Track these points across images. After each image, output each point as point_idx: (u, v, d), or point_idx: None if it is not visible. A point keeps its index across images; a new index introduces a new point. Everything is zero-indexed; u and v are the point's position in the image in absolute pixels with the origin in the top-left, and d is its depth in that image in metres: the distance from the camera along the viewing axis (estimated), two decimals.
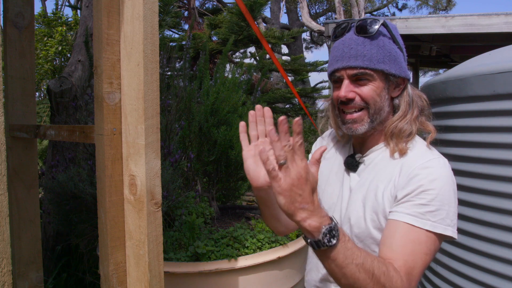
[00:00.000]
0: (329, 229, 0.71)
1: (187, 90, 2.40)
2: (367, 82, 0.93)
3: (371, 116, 0.94)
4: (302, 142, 0.68)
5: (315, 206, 0.71)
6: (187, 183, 2.38)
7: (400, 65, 0.94)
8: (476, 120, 1.39)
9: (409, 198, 0.86)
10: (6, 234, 0.63)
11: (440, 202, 0.84)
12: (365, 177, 0.98)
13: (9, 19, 1.25)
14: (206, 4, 9.33)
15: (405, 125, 0.93)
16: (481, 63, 1.41)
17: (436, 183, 0.85)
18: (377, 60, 0.91)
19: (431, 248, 0.85)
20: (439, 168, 0.88)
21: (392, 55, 0.93)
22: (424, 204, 0.84)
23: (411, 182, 0.86)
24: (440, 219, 0.84)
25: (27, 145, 1.28)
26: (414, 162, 0.89)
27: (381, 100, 0.94)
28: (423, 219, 0.84)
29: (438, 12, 17.51)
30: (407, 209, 0.85)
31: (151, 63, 0.86)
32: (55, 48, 5.29)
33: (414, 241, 0.83)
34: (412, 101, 0.96)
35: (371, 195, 0.93)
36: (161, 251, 0.91)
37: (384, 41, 0.93)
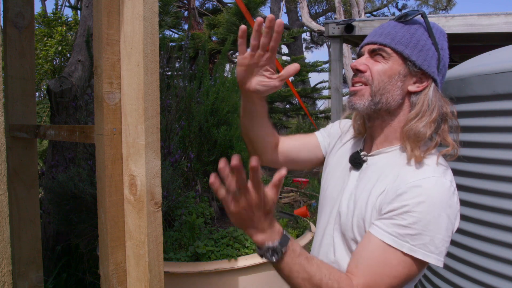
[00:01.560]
0: (272, 248, 0.74)
1: (187, 90, 2.40)
2: (381, 59, 0.89)
3: (373, 94, 0.88)
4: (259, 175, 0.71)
5: (264, 227, 0.74)
6: (187, 183, 2.38)
7: (425, 57, 0.87)
8: (476, 120, 1.39)
9: (391, 215, 0.80)
10: (6, 234, 0.63)
11: (423, 227, 0.77)
12: (364, 178, 0.92)
13: (9, 19, 1.25)
14: (206, 4, 9.32)
15: (421, 127, 0.85)
16: (481, 63, 1.41)
17: (424, 206, 0.77)
18: (399, 42, 0.87)
19: (402, 272, 0.78)
20: (432, 189, 0.79)
21: (420, 44, 0.87)
22: (405, 226, 0.78)
23: (397, 199, 0.80)
24: (421, 244, 0.77)
25: (27, 145, 1.28)
26: (408, 177, 0.82)
27: (389, 83, 0.87)
28: (401, 241, 0.78)
29: (438, 12, 17.51)
30: (387, 226, 0.79)
31: (151, 63, 0.86)
32: (55, 48, 5.29)
33: (384, 261, 0.78)
34: (432, 103, 0.87)
35: (363, 200, 0.89)
36: (161, 251, 0.91)
37: (418, 29, 0.88)
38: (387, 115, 0.91)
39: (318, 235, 1.03)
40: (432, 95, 0.87)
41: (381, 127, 0.93)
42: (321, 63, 6.10)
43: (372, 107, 0.89)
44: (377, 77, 0.88)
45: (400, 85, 0.88)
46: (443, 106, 0.88)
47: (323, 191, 1.06)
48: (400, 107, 0.90)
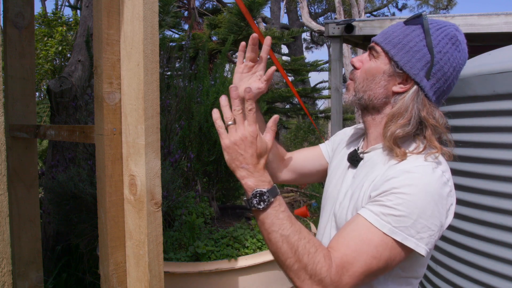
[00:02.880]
0: (260, 193, 0.77)
1: (187, 90, 2.40)
2: (373, 57, 0.91)
3: (356, 90, 0.93)
4: (253, 108, 0.79)
5: (256, 169, 0.79)
6: (187, 183, 2.38)
7: (410, 59, 0.86)
8: (476, 120, 1.39)
9: (378, 197, 0.80)
10: (6, 234, 0.63)
11: (408, 209, 0.76)
12: (360, 173, 0.95)
13: (9, 19, 1.25)
14: (206, 4, 9.33)
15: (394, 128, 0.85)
16: (481, 63, 1.41)
17: (411, 188, 0.77)
18: (390, 41, 0.88)
19: (383, 254, 0.77)
20: (421, 175, 0.79)
21: (409, 45, 0.86)
22: (390, 207, 0.77)
23: (386, 183, 0.81)
24: (402, 226, 0.76)
25: (27, 145, 1.28)
26: (399, 165, 0.83)
27: (373, 81, 0.89)
28: (383, 221, 0.77)
29: (438, 12, 17.51)
30: (372, 206, 0.80)
31: (151, 63, 0.86)
32: (55, 48, 5.29)
33: (365, 240, 0.77)
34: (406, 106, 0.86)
35: (357, 193, 0.90)
36: (161, 251, 0.91)
37: (415, 30, 0.87)
38: (375, 112, 0.94)
39: (319, 234, 1.05)
40: (409, 97, 0.86)
41: (372, 124, 0.96)
42: (321, 63, 6.09)
43: (356, 101, 0.93)
44: (362, 75, 0.92)
45: (384, 84, 0.89)
46: (422, 110, 0.86)
47: (325, 191, 1.08)
48: (385, 106, 0.92)
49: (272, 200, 0.78)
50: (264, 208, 0.78)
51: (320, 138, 8.83)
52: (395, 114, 0.87)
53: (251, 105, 0.79)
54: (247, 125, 0.79)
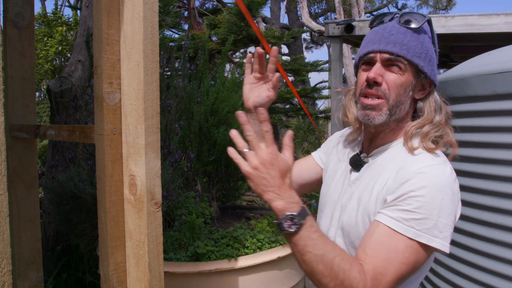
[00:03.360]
0: (291, 217, 0.75)
1: (187, 90, 2.40)
2: (398, 71, 0.89)
3: (390, 108, 0.89)
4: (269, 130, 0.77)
5: (282, 190, 0.77)
6: (187, 183, 2.38)
7: (433, 67, 0.91)
8: (476, 120, 1.39)
9: (396, 202, 0.81)
10: (6, 234, 0.63)
11: (428, 211, 0.78)
12: (365, 176, 0.95)
13: (9, 19, 1.25)
14: (206, 4, 9.33)
15: (432, 129, 0.89)
16: (481, 63, 1.41)
17: (427, 190, 0.79)
18: (415, 53, 0.88)
19: (411, 258, 0.79)
20: (434, 175, 0.81)
21: (429, 54, 0.90)
22: (410, 211, 0.79)
23: (402, 187, 0.82)
24: (426, 228, 0.78)
25: (27, 145, 1.28)
26: (410, 166, 0.84)
27: (404, 95, 0.89)
28: (406, 226, 0.79)
29: (438, 12, 17.51)
30: (392, 212, 0.81)
31: (151, 63, 0.86)
32: (55, 48, 5.29)
33: (391, 247, 0.79)
34: (439, 106, 0.92)
35: (366, 195, 0.90)
36: (161, 251, 0.91)
37: (425, 38, 0.90)
38: (394, 122, 0.93)
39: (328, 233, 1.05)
40: (438, 98, 0.93)
41: (384, 132, 0.96)
42: (321, 63, 6.09)
43: (388, 119, 0.91)
44: (394, 91, 0.89)
45: (411, 94, 0.91)
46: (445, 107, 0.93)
47: (323, 195, 1.08)
48: (406, 114, 0.94)
49: (303, 222, 0.76)
50: (295, 232, 0.76)
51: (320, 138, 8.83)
52: (429, 118, 0.90)
53: (266, 126, 0.77)
54: (264, 147, 0.77)
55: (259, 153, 0.76)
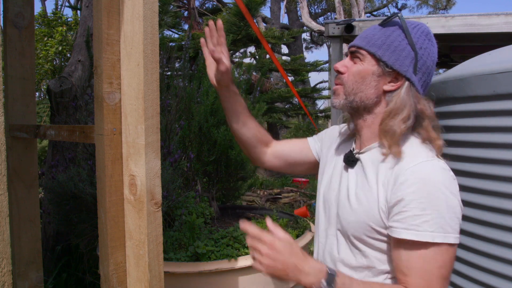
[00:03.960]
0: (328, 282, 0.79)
1: (186, 90, 2.40)
2: (358, 61, 0.94)
3: (346, 93, 0.95)
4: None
5: (300, 267, 0.81)
6: (187, 183, 2.38)
7: (397, 57, 0.90)
8: (476, 120, 1.39)
9: (401, 209, 0.82)
10: (6, 234, 0.63)
11: (434, 210, 0.80)
12: (361, 176, 0.95)
13: (9, 19, 1.25)
14: (206, 4, 9.33)
15: (393, 125, 0.89)
16: (481, 63, 1.41)
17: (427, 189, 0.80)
18: (374, 44, 0.92)
19: (443, 259, 0.80)
20: (430, 171, 0.83)
21: (394, 45, 0.91)
22: (418, 215, 0.80)
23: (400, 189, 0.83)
24: (439, 227, 0.79)
25: (27, 145, 1.28)
26: (404, 165, 0.85)
27: (362, 83, 0.93)
28: (421, 231, 0.80)
29: (438, 12, 17.51)
30: (402, 223, 0.82)
31: (151, 63, 0.86)
32: (55, 48, 5.29)
33: (421, 258, 0.80)
34: (404, 101, 0.90)
35: (364, 197, 0.91)
36: (161, 251, 0.91)
37: (394, 31, 0.92)
38: (366, 113, 0.96)
39: (321, 236, 1.05)
40: (404, 93, 0.90)
41: (364, 125, 0.98)
42: (321, 62, 6.09)
43: (348, 104, 0.95)
44: (351, 78, 0.94)
45: (374, 84, 0.93)
46: (418, 103, 0.91)
47: (320, 193, 1.09)
48: (376, 105, 0.95)
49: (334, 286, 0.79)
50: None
51: None
52: (392, 111, 0.90)
53: None
54: (264, 250, 0.82)
55: (264, 256, 0.81)
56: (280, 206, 4.76)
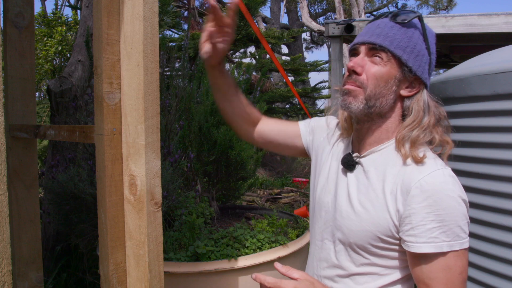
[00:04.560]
0: None
1: (186, 90, 2.40)
2: (379, 62, 0.87)
3: (367, 98, 0.87)
4: None
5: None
6: (187, 183, 2.38)
7: (420, 63, 0.87)
8: (476, 120, 1.39)
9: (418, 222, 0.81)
10: (6, 234, 0.63)
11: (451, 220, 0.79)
12: (363, 181, 0.91)
13: (9, 19, 1.25)
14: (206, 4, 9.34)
15: (421, 133, 0.86)
16: (481, 63, 1.41)
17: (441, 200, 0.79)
18: (398, 45, 0.86)
19: (462, 264, 0.81)
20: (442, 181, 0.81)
21: (416, 49, 0.87)
22: (436, 227, 0.79)
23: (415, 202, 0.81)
24: (455, 236, 0.79)
25: (27, 145, 1.28)
26: (413, 176, 0.82)
27: (385, 87, 0.87)
28: (439, 243, 0.79)
29: (438, 12, 17.52)
30: (421, 237, 0.80)
31: (151, 63, 0.86)
32: (55, 48, 5.29)
33: (443, 268, 0.80)
34: (428, 107, 0.88)
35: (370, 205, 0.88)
36: (161, 251, 0.91)
37: (414, 33, 0.87)
38: (378, 118, 0.91)
39: (317, 239, 1.02)
40: (427, 99, 0.88)
41: (371, 129, 0.93)
42: (321, 62, 6.09)
43: (366, 110, 0.88)
44: (373, 81, 0.87)
45: (395, 89, 0.88)
46: (436, 109, 0.90)
47: (314, 196, 1.05)
48: (391, 110, 0.91)
49: None
50: None
51: None
52: (416, 119, 0.87)
53: None
54: None
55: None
56: (280, 206, 4.76)
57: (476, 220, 1.40)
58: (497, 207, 1.33)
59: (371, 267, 0.89)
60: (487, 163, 1.36)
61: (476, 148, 1.39)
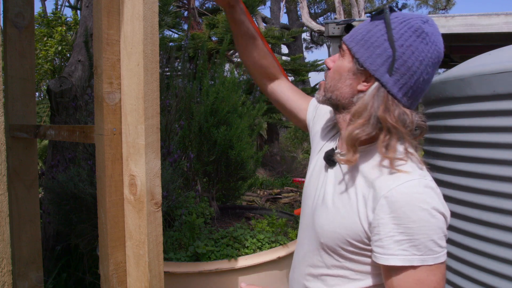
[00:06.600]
0: None
1: (186, 90, 2.40)
2: (341, 57, 0.88)
3: (325, 90, 0.89)
4: None
5: None
6: (187, 183, 2.39)
7: (370, 55, 0.81)
8: (476, 120, 1.39)
9: (387, 233, 0.75)
10: (6, 234, 0.63)
11: (423, 234, 0.73)
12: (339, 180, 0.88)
13: (9, 19, 1.25)
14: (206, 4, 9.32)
15: (353, 129, 0.80)
16: (481, 63, 1.41)
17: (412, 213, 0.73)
18: (353, 38, 0.84)
19: (436, 279, 0.75)
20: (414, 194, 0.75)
21: (371, 40, 0.81)
22: (406, 239, 0.74)
23: (385, 212, 0.76)
24: (428, 250, 0.74)
25: (27, 145, 1.28)
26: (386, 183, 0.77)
27: (339, 80, 0.86)
28: (408, 256, 0.74)
29: (437, 12, 17.51)
30: (389, 249, 0.75)
31: (151, 63, 0.86)
32: (55, 48, 5.29)
33: (414, 282, 0.75)
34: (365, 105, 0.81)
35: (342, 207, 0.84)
36: (161, 251, 0.91)
37: (378, 25, 0.82)
38: (344, 112, 0.89)
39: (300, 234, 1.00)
40: (369, 96, 0.81)
41: (343, 124, 0.90)
42: (321, 62, 6.09)
43: (326, 101, 0.91)
44: (331, 75, 0.89)
45: (350, 83, 0.85)
46: (385, 108, 0.79)
47: (305, 187, 1.03)
48: (351, 105, 0.86)
49: None
50: None
51: None
52: (355, 113, 0.82)
53: None
54: None
55: None
56: (280, 206, 4.76)
57: (476, 220, 1.40)
58: (497, 207, 1.33)
59: (342, 270, 0.86)
60: (487, 163, 1.36)
61: (476, 148, 1.39)
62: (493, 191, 1.34)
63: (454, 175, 1.45)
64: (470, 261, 1.42)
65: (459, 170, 1.43)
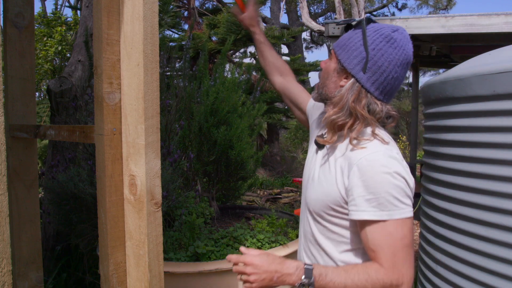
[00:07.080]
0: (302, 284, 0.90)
1: (187, 90, 2.40)
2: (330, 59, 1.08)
3: (317, 87, 1.09)
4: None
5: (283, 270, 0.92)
6: (187, 183, 2.38)
7: (349, 56, 1.00)
8: (476, 120, 1.39)
9: (358, 194, 0.92)
10: (6, 234, 0.63)
11: (386, 192, 0.90)
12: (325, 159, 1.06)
13: (9, 19, 1.25)
14: (206, 4, 9.32)
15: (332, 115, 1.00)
16: (481, 63, 1.41)
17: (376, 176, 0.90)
18: (338, 43, 1.04)
19: (403, 231, 0.91)
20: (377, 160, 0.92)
21: (348, 45, 1.01)
22: (373, 198, 0.90)
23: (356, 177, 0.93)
24: (392, 206, 0.90)
25: (27, 145, 1.28)
26: (357, 155, 0.95)
27: (327, 78, 1.05)
28: (377, 212, 0.90)
29: (438, 12, 17.51)
30: (360, 206, 0.92)
31: (151, 63, 0.86)
32: (55, 48, 5.29)
33: (383, 234, 0.91)
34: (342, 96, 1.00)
35: (323, 179, 1.02)
36: (161, 251, 0.91)
37: (357, 33, 1.01)
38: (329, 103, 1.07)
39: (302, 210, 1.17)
40: (346, 89, 1.00)
41: None
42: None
43: (318, 97, 1.09)
44: (322, 74, 1.08)
45: (334, 80, 1.04)
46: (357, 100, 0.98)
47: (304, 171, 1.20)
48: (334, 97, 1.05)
49: (313, 280, 0.90)
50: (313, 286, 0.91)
51: None
52: (334, 103, 1.02)
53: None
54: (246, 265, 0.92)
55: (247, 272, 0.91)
56: (280, 206, 4.76)
57: (476, 220, 1.40)
58: (497, 207, 1.33)
59: (330, 233, 1.03)
60: (487, 163, 1.36)
61: (476, 148, 1.39)
62: (493, 191, 1.34)
63: (454, 175, 1.45)
64: (470, 261, 1.42)
65: (459, 170, 1.43)
